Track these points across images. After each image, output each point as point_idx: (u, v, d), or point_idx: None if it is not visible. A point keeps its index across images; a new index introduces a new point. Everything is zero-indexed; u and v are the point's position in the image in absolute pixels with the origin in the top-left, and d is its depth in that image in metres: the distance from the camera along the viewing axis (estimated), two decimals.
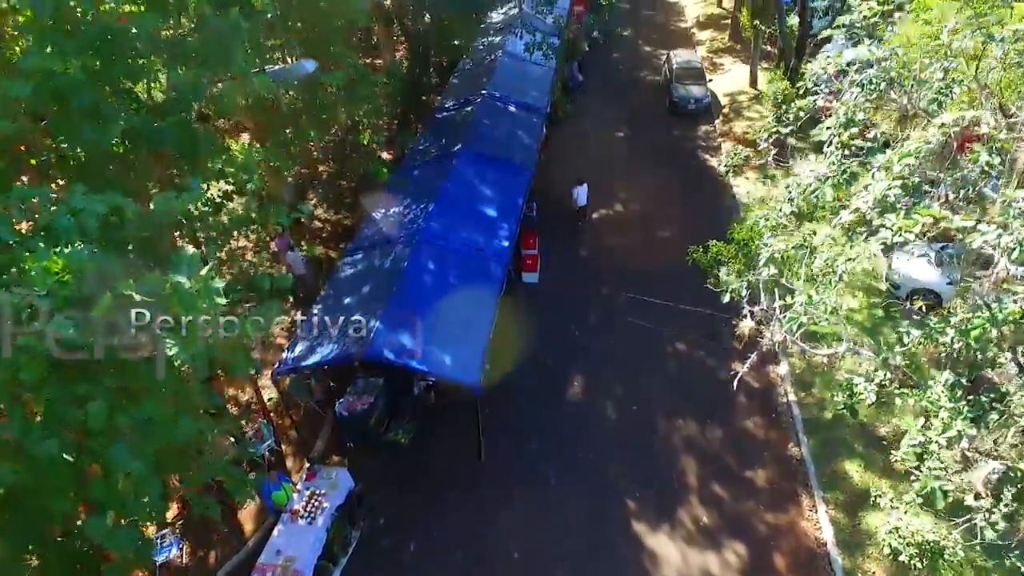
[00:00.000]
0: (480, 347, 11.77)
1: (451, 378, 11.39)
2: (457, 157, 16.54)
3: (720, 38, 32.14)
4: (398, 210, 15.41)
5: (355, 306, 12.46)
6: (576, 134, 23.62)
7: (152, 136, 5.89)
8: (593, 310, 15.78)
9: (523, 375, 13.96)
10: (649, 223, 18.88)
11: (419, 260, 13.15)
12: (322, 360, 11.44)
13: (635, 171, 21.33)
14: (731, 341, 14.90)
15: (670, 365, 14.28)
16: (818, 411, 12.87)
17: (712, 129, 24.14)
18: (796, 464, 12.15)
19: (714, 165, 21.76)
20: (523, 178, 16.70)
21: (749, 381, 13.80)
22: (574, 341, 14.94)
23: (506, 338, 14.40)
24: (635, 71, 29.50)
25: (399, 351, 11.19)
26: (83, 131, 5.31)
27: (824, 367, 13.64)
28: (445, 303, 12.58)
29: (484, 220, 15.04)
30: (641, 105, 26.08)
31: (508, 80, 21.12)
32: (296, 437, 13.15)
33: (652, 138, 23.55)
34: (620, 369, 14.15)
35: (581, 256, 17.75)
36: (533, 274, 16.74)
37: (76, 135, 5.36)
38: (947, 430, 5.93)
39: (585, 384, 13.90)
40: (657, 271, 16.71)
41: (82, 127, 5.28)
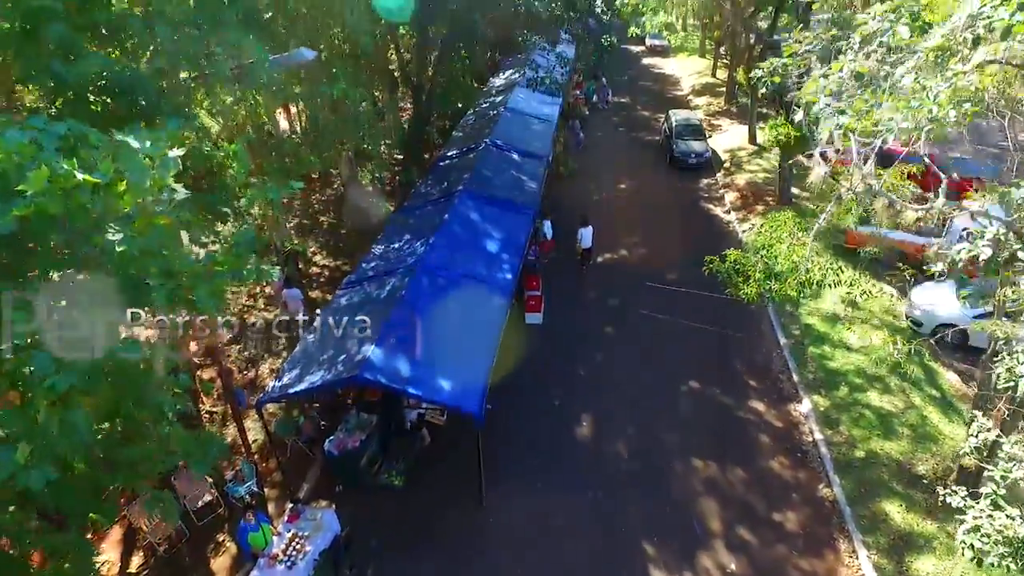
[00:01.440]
0: (481, 376, 10.94)
1: (450, 406, 10.53)
2: (459, 196, 16.28)
3: (716, 103, 33.01)
4: (397, 245, 14.98)
5: (350, 336, 11.72)
6: (579, 187, 23.63)
7: (126, 86, 5.44)
8: (600, 351, 15.00)
9: (528, 415, 13.07)
10: (654, 267, 18.39)
11: (418, 288, 12.53)
12: (311, 387, 10.59)
13: (639, 219, 21.10)
14: (742, 371, 14.17)
15: (683, 405, 13.35)
16: (848, 449, 11.84)
17: (714, 182, 24.17)
18: (829, 506, 11.02)
19: (719, 213, 21.57)
20: (526, 217, 16.37)
21: (770, 421, 12.87)
22: (581, 381, 14.09)
23: (509, 377, 13.61)
24: (634, 132, 30.03)
25: (394, 376, 10.38)
26: (51, 65, 4.89)
27: (849, 404, 12.75)
28: (445, 331, 11.85)
29: (486, 255, 14.56)
30: (642, 162, 26.31)
31: (511, 131, 21.28)
32: (281, 479, 12.06)
33: (655, 190, 23.54)
34: (631, 409, 13.22)
35: (586, 298, 17.14)
36: (536, 315, 16.09)
37: (43, 69, 4.93)
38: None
39: (594, 424, 12.93)
40: (665, 314, 16.11)
41: (50, 61, 4.86)
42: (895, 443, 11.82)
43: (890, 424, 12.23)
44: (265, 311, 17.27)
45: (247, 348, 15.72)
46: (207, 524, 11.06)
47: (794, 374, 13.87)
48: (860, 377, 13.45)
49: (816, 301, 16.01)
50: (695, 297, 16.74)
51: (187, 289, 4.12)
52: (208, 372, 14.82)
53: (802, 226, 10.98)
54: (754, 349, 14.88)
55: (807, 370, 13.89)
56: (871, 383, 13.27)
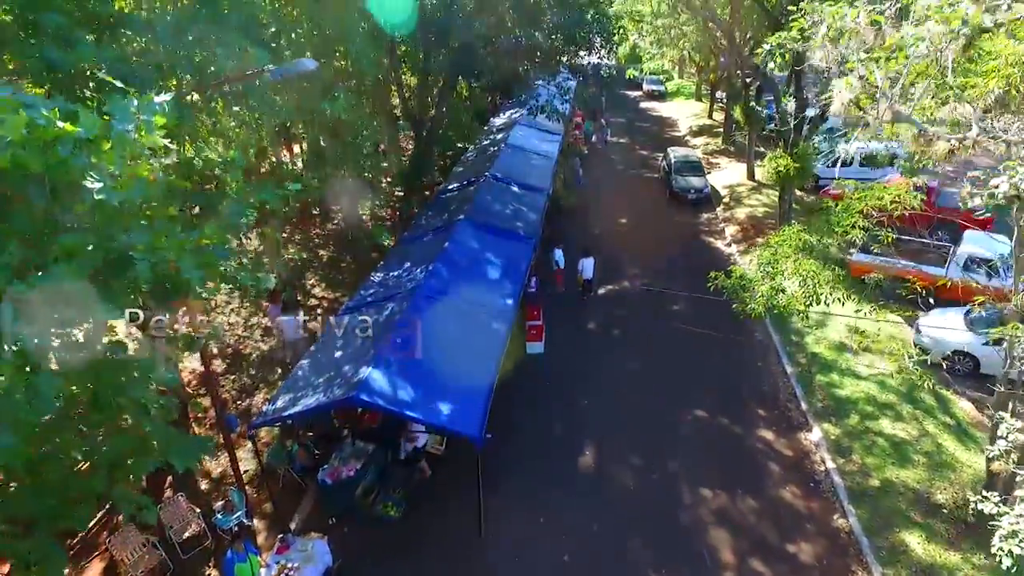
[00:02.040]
0: (481, 400, 10.61)
1: (449, 429, 10.15)
2: (459, 225, 16.23)
3: (714, 142, 33.48)
4: (397, 272, 14.83)
5: (346, 358, 11.45)
6: (579, 221, 23.68)
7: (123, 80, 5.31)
8: (603, 380, 14.65)
9: (529, 444, 12.65)
10: (657, 298, 18.19)
11: (417, 312, 12.30)
12: (306, 410, 10.23)
13: (640, 252, 21.02)
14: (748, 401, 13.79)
15: (689, 434, 12.94)
16: (862, 478, 11.39)
17: (714, 216, 24.22)
18: (846, 537, 10.50)
19: (719, 246, 21.52)
20: (527, 245, 16.28)
21: (780, 449, 12.45)
22: (583, 410, 13.69)
23: (510, 406, 13.26)
24: (634, 170, 30.33)
25: (391, 398, 10.05)
26: (46, 51, 4.80)
27: (861, 432, 12.35)
28: (444, 355, 11.55)
29: (487, 281, 14.40)
30: (642, 198, 26.46)
31: (511, 165, 21.45)
32: (272, 510, 11.56)
33: (655, 224, 23.56)
34: (636, 438, 12.80)
35: (588, 329, 16.87)
36: (538, 344, 15.79)
37: (38, 57, 4.83)
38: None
39: (597, 453, 12.49)
40: (667, 344, 15.86)
41: (44, 46, 4.77)
42: (911, 471, 11.38)
43: (904, 452, 11.81)
44: (260, 342, 17.00)
45: (242, 378, 15.38)
46: (193, 557, 10.53)
47: (802, 402, 13.50)
48: (871, 405, 13.08)
49: (822, 329, 15.77)
50: (699, 327, 16.51)
51: (172, 264, 3.92)
52: (202, 401, 14.46)
53: (807, 242, 10.84)
54: (760, 378, 14.54)
55: (816, 398, 13.53)
56: (882, 411, 12.90)
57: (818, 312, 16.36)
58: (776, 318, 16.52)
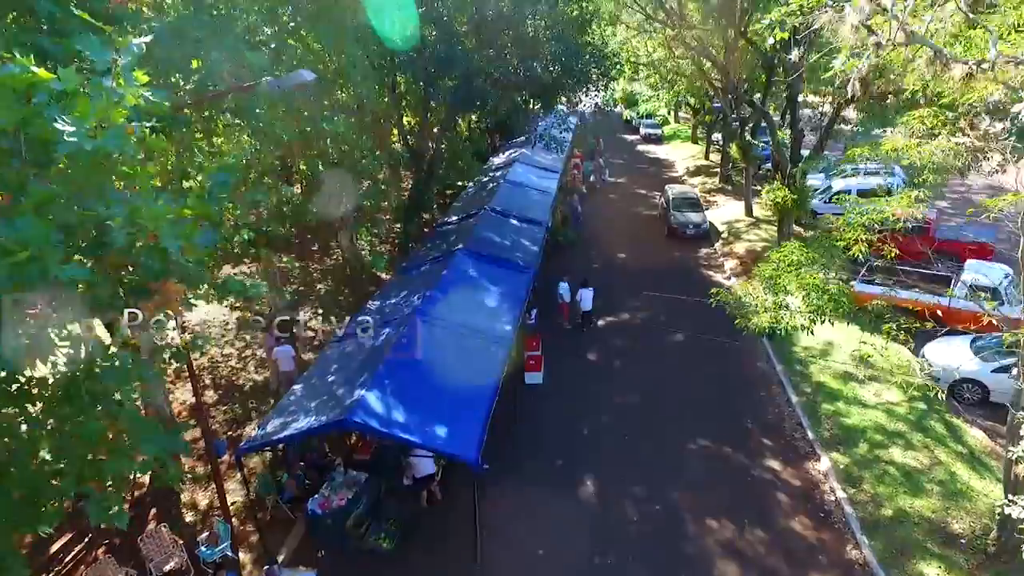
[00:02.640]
0: (479, 423, 10.28)
1: (445, 453, 9.78)
2: (458, 254, 16.14)
3: (711, 182, 33.81)
4: (394, 300, 14.66)
5: (340, 382, 11.16)
6: (579, 255, 23.64)
7: None
8: (603, 411, 14.29)
9: (528, 475, 12.24)
10: (658, 330, 17.96)
11: (413, 337, 12.07)
12: (297, 433, 9.90)
13: (640, 285, 20.89)
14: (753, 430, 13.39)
15: (693, 464, 12.52)
16: (874, 508, 10.94)
17: (713, 251, 24.20)
18: (860, 569, 10.00)
19: (719, 279, 21.39)
20: (526, 276, 16.14)
21: (787, 479, 12.02)
22: (583, 440, 13.30)
23: (509, 436, 12.91)
24: (631, 208, 30.51)
25: (386, 420, 9.72)
26: (39, 41, 4.72)
27: (871, 461, 11.94)
28: (441, 379, 11.28)
29: (485, 308, 14.20)
30: (641, 233, 26.51)
31: (510, 200, 21.53)
32: (259, 543, 11.05)
33: (654, 259, 23.51)
34: (638, 468, 12.37)
35: (588, 360, 16.57)
36: (536, 374, 15.48)
37: (28, 44, 4.76)
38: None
39: (598, 484, 12.05)
40: (669, 375, 15.57)
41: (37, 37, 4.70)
42: (925, 500, 10.94)
43: (917, 481, 11.39)
44: (255, 373, 16.69)
45: (233, 408, 15.02)
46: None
47: (809, 431, 13.12)
48: (880, 433, 12.70)
49: (826, 359, 15.50)
50: (701, 359, 16.24)
51: (152, 235, 3.73)
52: (191, 434, 14.07)
53: (810, 257, 10.70)
54: (764, 408, 14.19)
55: (822, 427, 13.15)
56: (892, 439, 12.51)
57: (822, 341, 16.23)
58: (779, 347, 16.32)
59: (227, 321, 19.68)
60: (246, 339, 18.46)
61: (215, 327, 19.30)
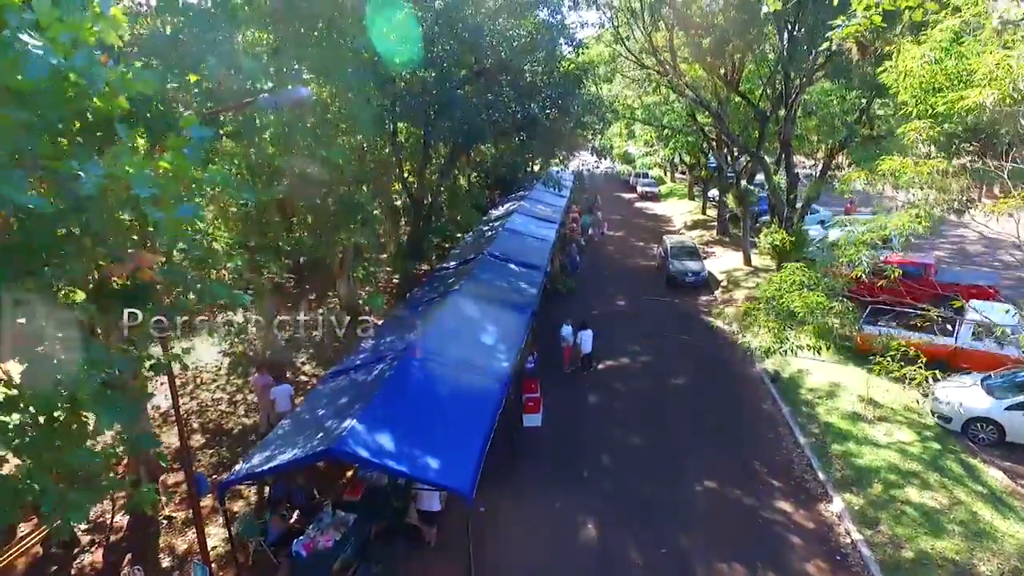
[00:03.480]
0: (474, 456, 9.82)
1: (438, 485, 9.29)
2: (454, 294, 15.99)
3: (709, 234, 34.06)
4: (389, 338, 14.37)
5: (329, 415, 10.74)
6: (578, 303, 23.43)
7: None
8: (605, 452, 13.74)
9: (527, 517, 11.62)
10: (659, 374, 17.56)
11: (407, 371, 11.72)
12: (282, 464, 9.42)
13: (640, 331, 20.64)
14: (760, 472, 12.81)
15: (700, 507, 11.90)
16: (894, 550, 10.29)
17: (712, 299, 24.04)
18: None
19: (721, 325, 21.11)
20: (525, 316, 15.92)
21: (800, 521, 11.39)
22: (583, 481, 12.72)
23: (506, 478, 12.38)
24: (630, 259, 30.61)
25: (376, 451, 9.28)
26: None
27: (886, 502, 11.36)
28: (435, 412, 10.91)
29: (482, 346, 13.92)
30: (639, 283, 26.46)
31: (509, 246, 21.56)
32: None
33: (653, 307, 23.32)
34: (642, 510, 11.75)
35: (588, 403, 16.10)
36: (535, 416, 14.98)
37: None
38: None
39: (601, 527, 11.40)
40: (671, 418, 15.11)
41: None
42: (947, 542, 10.31)
43: (937, 522, 10.78)
44: (244, 417, 16.18)
45: (220, 452, 14.45)
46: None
47: (819, 472, 12.55)
48: (894, 473, 12.14)
49: (833, 400, 15.05)
50: (704, 402, 15.80)
51: (124, 184, 3.53)
52: (174, 477, 13.49)
53: (813, 277, 10.48)
54: (772, 449, 13.65)
55: (833, 468, 12.59)
56: (907, 479, 11.95)
57: (827, 383, 15.84)
58: (784, 390, 15.91)
59: (219, 365, 19.31)
60: (237, 384, 18.03)
61: (207, 372, 18.93)
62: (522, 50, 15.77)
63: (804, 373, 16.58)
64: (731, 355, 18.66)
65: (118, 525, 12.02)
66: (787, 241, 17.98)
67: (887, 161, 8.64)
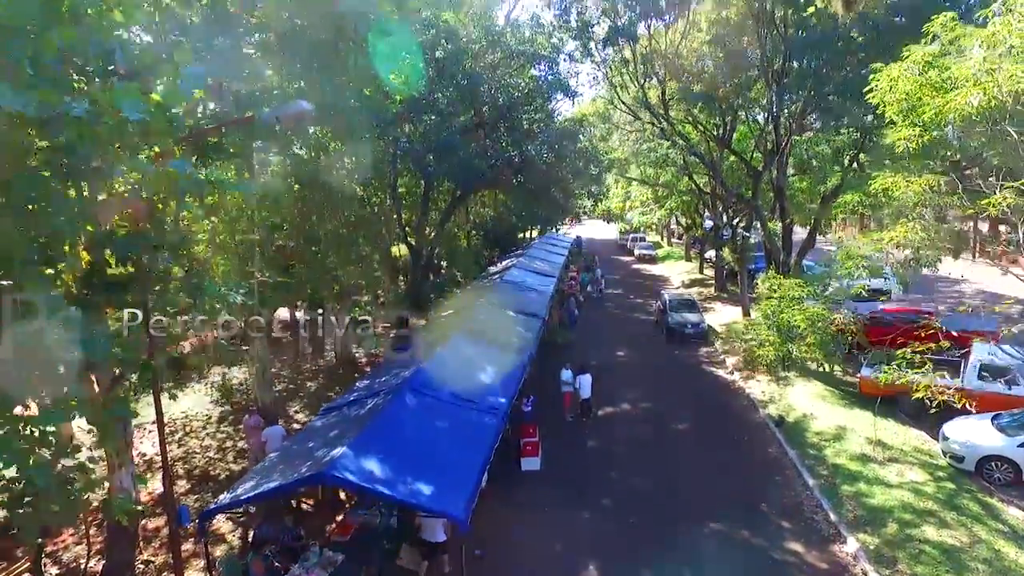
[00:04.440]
0: (470, 483, 9.42)
1: (429, 510, 8.84)
2: (453, 337, 15.84)
3: (707, 291, 34.12)
4: (384, 378, 14.11)
5: (319, 446, 10.37)
6: (577, 354, 23.09)
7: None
8: (606, 495, 13.19)
9: (525, 560, 11.02)
10: (661, 420, 17.12)
11: (402, 404, 11.42)
12: (267, 492, 9.00)
13: (639, 380, 20.32)
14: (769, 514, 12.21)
15: (707, 549, 11.28)
16: None
17: (713, 350, 23.79)
18: None
19: (721, 374, 20.79)
20: (521, 356, 15.73)
21: (813, 563, 10.79)
22: (585, 524, 12.13)
23: (504, 521, 11.86)
24: (628, 313, 30.59)
25: (367, 476, 8.90)
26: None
27: (903, 541, 10.79)
28: (429, 443, 10.59)
29: (479, 383, 13.61)
30: (638, 336, 26.31)
31: (507, 296, 21.58)
32: None
33: (653, 358, 23.07)
34: (644, 553, 11.12)
35: (588, 447, 15.60)
36: (534, 459, 14.47)
37: None
38: None
39: (603, 569, 10.77)
40: (674, 462, 14.63)
41: None
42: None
43: (959, 560, 10.20)
44: (233, 463, 15.63)
45: (204, 497, 13.85)
46: None
47: (831, 513, 12.00)
48: (909, 513, 11.61)
49: (840, 442, 14.61)
50: (708, 447, 15.33)
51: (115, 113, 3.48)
52: (155, 522, 12.88)
53: (812, 291, 10.34)
54: (779, 491, 13.11)
55: (845, 508, 12.05)
56: (923, 519, 11.41)
57: (833, 426, 15.42)
58: (790, 433, 15.47)
59: (209, 415, 18.87)
60: (227, 431, 17.55)
61: (197, 420, 18.47)
62: (520, 100, 16.32)
63: (809, 417, 16.16)
64: (734, 402, 18.26)
65: (92, 570, 11.37)
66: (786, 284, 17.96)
67: (879, 179, 8.74)
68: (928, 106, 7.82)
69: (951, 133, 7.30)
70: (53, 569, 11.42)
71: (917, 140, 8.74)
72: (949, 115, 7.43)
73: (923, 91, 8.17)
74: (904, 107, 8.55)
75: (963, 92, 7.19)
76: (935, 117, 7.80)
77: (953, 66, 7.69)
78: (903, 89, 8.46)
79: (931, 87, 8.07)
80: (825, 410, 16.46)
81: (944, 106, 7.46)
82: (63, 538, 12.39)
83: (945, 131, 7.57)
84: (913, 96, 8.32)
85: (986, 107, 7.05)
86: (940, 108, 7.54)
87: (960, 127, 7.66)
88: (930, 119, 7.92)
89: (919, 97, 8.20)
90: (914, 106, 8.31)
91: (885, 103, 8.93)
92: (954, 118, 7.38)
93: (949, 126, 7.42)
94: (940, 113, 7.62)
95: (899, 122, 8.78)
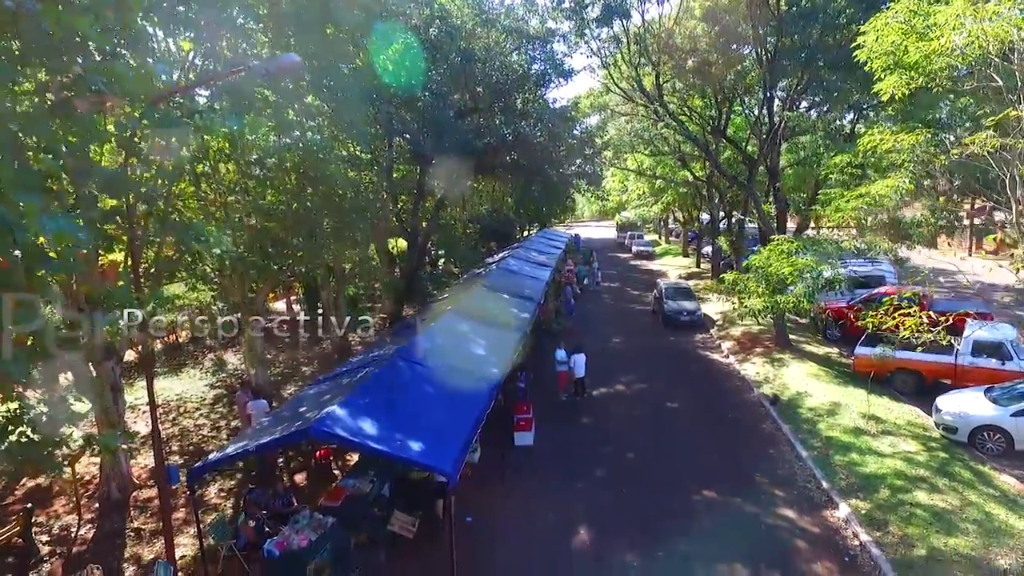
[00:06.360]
0: (459, 442, 9.42)
1: (419, 464, 8.85)
2: (447, 314, 15.87)
3: (704, 284, 34.10)
4: (378, 352, 14.11)
5: (310, 407, 10.35)
6: (573, 339, 23.11)
7: None
8: (599, 468, 13.16)
9: (515, 529, 11.01)
10: (655, 400, 17.10)
11: (394, 370, 11.42)
12: (255, 448, 9.00)
13: (635, 364, 20.33)
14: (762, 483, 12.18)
15: (698, 513, 11.28)
16: (905, 549, 9.66)
17: (709, 336, 23.81)
18: None
19: (717, 358, 20.80)
20: (516, 334, 15.72)
21: (805, 527, 10.77)
22: (578, 493, 12.10)
23: (495, 493, 11.87)
24: (624, 304, 30.61)
25: (355, 431, 8.89)
26: None
27: (895, 505, 10.78)
28: (420, 403, 10.59)
29: (472, 355, 13.63)
30: (635, 324, 26.32)
31: (504, 282, 21.58)
32: None
33: (650, 344, 23.06)
34: (638, 519, 11.11)
35: (582, 423, 15.60)
36: (527, 434, 14.46)
37: None
38: None
39: (599, 540, 10.70)
40: (667, 436, 14.62)
41: None
42: (961, 539, 9.70)
43: (949, 521, 10.19)
44: (226, 441, 15.59)
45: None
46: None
47: (823, 481, 11.98)
48: (901, 479, 11.60)
49: (833, 417, 14.61)
50: (701, 423, 15.32)
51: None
52: (146, 493, 12.84)
53: (800, 247, 10.36)
54: (773, 463, 13.09)
55: (838, 477, 12.03)
56: (915, 484, 11.40)
57: (827, 403, 15.42)
58: (784, 411, 15.45)
59: (203, 396, 18.85)
60: (221, 411, 17.53)
61: (192, 402, 18.44)
62: (514, 81, 16.37)
63: (803, 395, 16.16)
64: (728, 383, 18.25)
65: (83, 537, 11.34)
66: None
67: (866, 137, 8.75)
68: (915, 50, 7.84)
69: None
70: (43, 536, 11.39)
71: (904, 87, 8.74)
72: (935, 60, 7.44)
73: (908, 40, 8.20)
74: (891, 61, 8.58)
75: (947, 32, 7.22)
76: (922, 60, 7.81)
77: (938, 13, 7.73)
78: (889, 39, 8.50)
79: (916, 35, 8.09)
80: (819, 388, 16.47)
81: (929, 48, 7.49)
82: (54, 508, 12.38)
83: (931, 77, 7.58)
84: (899, 48, 8.34)
85: (970, 51, 7.05)
86: (926, 51, 7.57)
87: (946, 80, 7.69)
88: (915, 62, 7.93)
89: (905, 47, 8.23)
90: (900, 59, 8.33)
91: (872, 58, 8.95)
92: (940, 66, 7.41)
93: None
94: (927, 57, 7.64)
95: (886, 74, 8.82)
